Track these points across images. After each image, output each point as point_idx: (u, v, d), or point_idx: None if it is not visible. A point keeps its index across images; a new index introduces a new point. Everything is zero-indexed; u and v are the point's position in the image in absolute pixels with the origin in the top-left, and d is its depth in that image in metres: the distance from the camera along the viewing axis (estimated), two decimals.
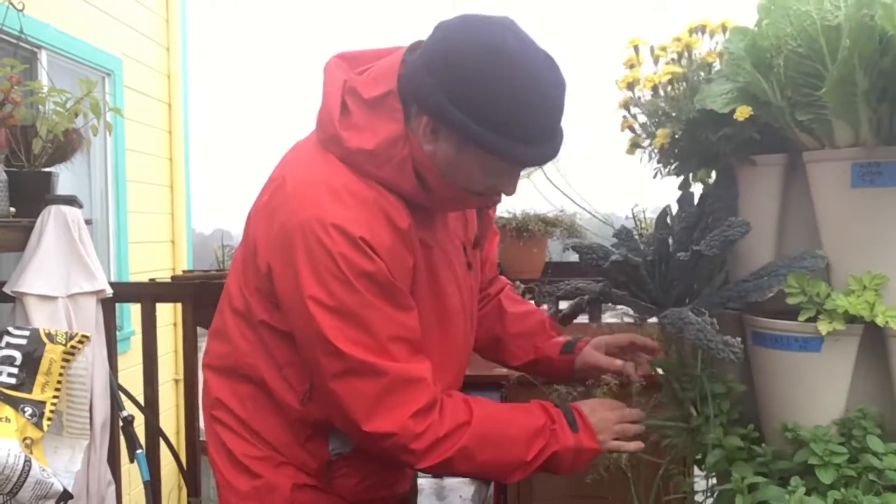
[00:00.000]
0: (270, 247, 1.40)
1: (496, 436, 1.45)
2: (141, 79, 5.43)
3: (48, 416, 1.96)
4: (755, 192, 1.40)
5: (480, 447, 1.43)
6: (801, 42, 1.22)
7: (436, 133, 1.35)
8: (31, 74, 3.82)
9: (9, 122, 2.23)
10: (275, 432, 1.50)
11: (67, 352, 2.04)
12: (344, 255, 1.31)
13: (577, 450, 1.48)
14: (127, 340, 4.44)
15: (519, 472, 1.48)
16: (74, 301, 2.30)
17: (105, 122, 2.55)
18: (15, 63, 2.32)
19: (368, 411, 1.36)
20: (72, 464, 2.04)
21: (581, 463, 1.50)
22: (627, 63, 1.53)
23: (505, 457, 1.46)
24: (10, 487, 1.77)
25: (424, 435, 1.38)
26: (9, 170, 2.30)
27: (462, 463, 1.44)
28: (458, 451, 1.42)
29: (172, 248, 5.88)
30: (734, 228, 1.36)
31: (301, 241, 1.33)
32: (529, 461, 1.45)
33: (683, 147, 1.45)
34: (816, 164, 1.31)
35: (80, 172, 4.52)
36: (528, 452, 1.45)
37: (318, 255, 1.32)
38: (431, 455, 1.40)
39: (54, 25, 4.22)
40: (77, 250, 2.31)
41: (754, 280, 1.37)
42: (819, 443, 1.24)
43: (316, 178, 1.39)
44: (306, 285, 1.33)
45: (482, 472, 1.53)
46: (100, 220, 4.94)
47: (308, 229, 1.33)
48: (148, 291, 2.76)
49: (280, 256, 1.38)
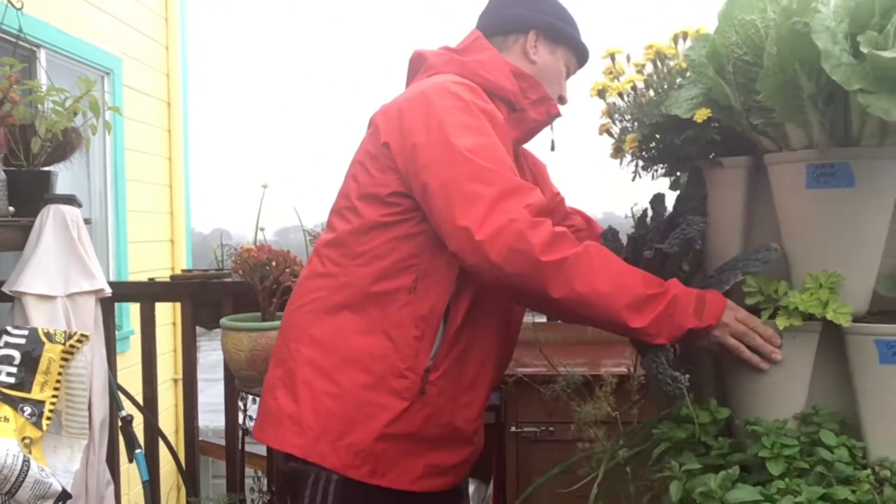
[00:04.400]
0: (398, 124, 1.58)
1: (612, 260, 1.44)
2: (140, 78, 5.43)
3: (47, 416, 1.96)
4: (723, 193, 1.44)
5: (598, 262, 1.41)
6: (746, 50, 1.28)
7: (536, 45, 1.78)
8: (30, 73, 3.82)
9: (8, 121, 2.23)
10: (366, 348, 1.57)
11: (66, 351, 2.04)
12: (473, 101, 1.57)
13: (700, 297, 1.41)
14: (126, 340, 4.44)
15: (640, 309, 1.39)
16: (73, 300, 2.29)
17: (104, 121, 2.54)
18: (14, 62, 2.32)
19: (487, 211, 1.43)
20: (71, 463, 2.04)
21: (708, 313, 1.39)
22: (605, 71, 1.62)
23: (623, 280, 1.41)
24: (8, 487, 1.76)
25: (541, 227, 1.42)
26: (7, 169, 2.29)
27: (580, 272, 1.40)
28: (575, 257, 1.41)
29: (171, 248, 5.88)
30: (692, 227, 1.41)
31: (431, 94, 1.58)
32: (649, 295, 1.39)
33: (654, 150, 1.51)
34: (775, 165, 1.35)
35: (79, 171, 4.52)
36: (647, 287, 1.41)
37: (447, 96, 1.57)
38: (550, 249, 1.40)
39: (53, 24, 4.22)
40: (76, 250, 2.31)
41: (717, 275, 1.42)
42: (770, 436, 1.27)
43: (434, 80, 1.65)
44: (436, 114, 1.54)
45: (601, 294, 1.40)
46: (99, 220, 4.94)
47: (435, 87, 1.59)
48: (147, 291, 2.75)
49: (409, 115, 1.57)
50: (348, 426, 1.55)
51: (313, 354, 1.60)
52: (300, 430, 1.57)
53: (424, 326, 1.57)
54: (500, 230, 1.41)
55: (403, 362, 1.56)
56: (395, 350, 1.56)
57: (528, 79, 1.75)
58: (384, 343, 1.57)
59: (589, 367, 2.09)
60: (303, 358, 1.61)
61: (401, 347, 1.56)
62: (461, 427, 1.64)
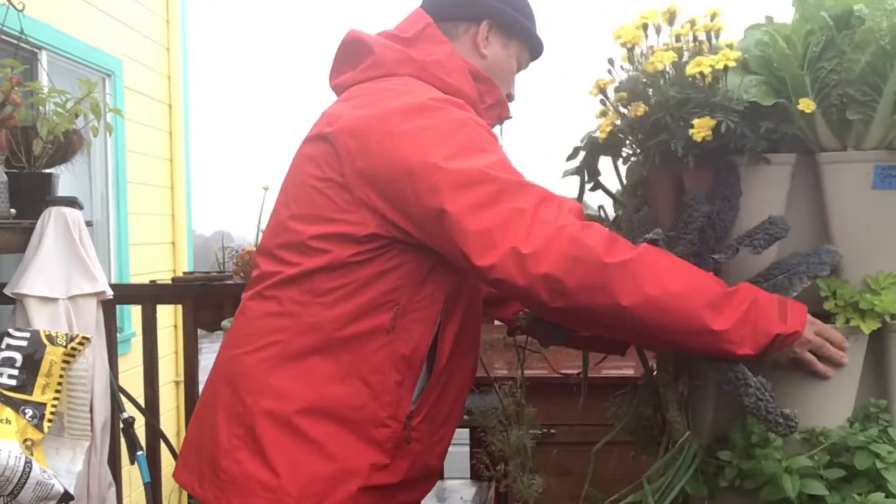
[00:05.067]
0: (365, 143, 1.37)
1: (677, 261, 1.28)
2: (141, 80, 5.43)
3: (49, 418, 1.96)
4: (765, 192, 1.36)
5: (663, 263, 1.25)
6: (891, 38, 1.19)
7: (487, 37, 1.59)
8: (32, 75, 3.81)
9: (9, 123, 2.23)
10: (344, 397, 1.39)
11: (68, 353, 2.04)
12: (462, 116, 1.39)
13: (782, 301, 1.26)
14: (127, 342, 4.44)
15: (719, 309, 1.22)
16: (75, 303, 2.29)
17: (105, 123, 2.54)
18: (15, 64, 2.32)
19: (530, 222, 1.27)
20: (73, 465, 2.04)
21: (793, 319, 1.25)
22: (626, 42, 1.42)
23: (696, 281, 1.25)
24: (10, 489, 1.76)
25: (593, 228, 1.26)
26: (9, 171, 2.29)
27: (647, 273, 1.23)
28: (639, 256, 1.24)
29: (173, 250, 5.88)
30: (777, 226, 1.31)
31: (418, 108, 1.38)
32: (725, 294, 1.24)
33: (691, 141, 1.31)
34: (834, 165, 1.31)
35: (80, 174, 4.52)
36: (722, 286, 1.26)
37: (436, 112, 1.38)
38: (611, 250, 1.23)
39: (55, 26, 4.22)
40: (77, 252, 2.31)
41: (768, 281, 1.32)
42: (879, 444, 1.23)
43: (402, 82, 1.47)
44: (429, 135, 1.35)
45: (674, 295, 1.23)
46: (100, 222, 4.94)
47: (416, 107, 1.39)
48: (148, 293, 2.75)
49: (396, 138, 1.35)
50: (330, 486, 1.38)
51: (278, 408, 1.39)
52: (277, 498, 1.37)
53: (406, 369, 1.41)
54: (552, 239, 1.24)
55: (384, 410, 1.40)
56: (375, 397, 1.40)
57: (486, 82, 1.57)
58: (361, 390, 1.39)
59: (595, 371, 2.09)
60: (265, 413, 1.39)
61: (380, 394, 1.40)
62: (434, 464, 1.55)
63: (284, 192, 1.52)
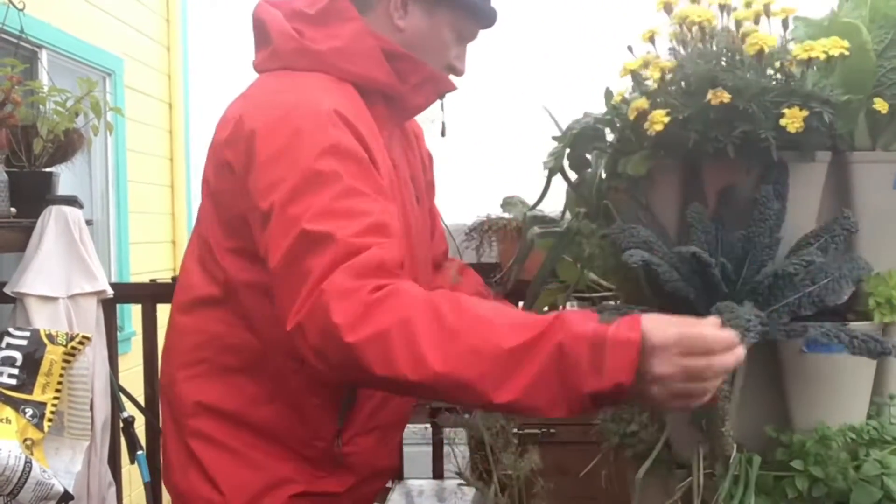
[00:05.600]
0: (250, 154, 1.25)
1: (448, 325, 1.04)
2: (142, 79, 5.42)
3: (49, 417, 1.96)
4: (805, 191, 1.31)
5: (427, 331, 1.04)
6: None
7: (405, 6, 1.39)
8: (32, 74, 3.81)
9: (9, 122, 2.23)
10: (270, 418, 1.37)
11: (68, 353, 2.04)
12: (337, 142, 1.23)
13: (599, 341, 0.98)
14: (128, 341, 4.43)
15: (497, 382, 0.99)
16: (75, 302, 2.29)
17: (106, 122, 2.54)
18: (15, 63, 2.32)
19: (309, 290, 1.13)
20: (72, 465, 2.04)
21: (609, 367, 0.96)
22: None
23: (467, 348, 1.02)
24: (10, 489, 1.76)
25: (350, 297, 1.08)
26: (9, 170, 2.29)
27: (404, 351, 1.04)
28: (396, 328, 1.05)
29: (173, 249, 5.87)
30: (851, 222, 1.25)
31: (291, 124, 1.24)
32: (510, 355, 0.99)
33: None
34: (863, 164, 1.31)
35: (80, 173, 4.52)
36: (511, 338, 1.00)
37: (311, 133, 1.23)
38: (360, 323, 1.06)
39: (55, 25, 4.22)
40: (78, 251, 2.31)
41: (815, 284, 1.23)
42: None
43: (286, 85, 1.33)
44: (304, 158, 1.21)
45: (436, 377, 1.03)
46: (100, 221, 4.94)
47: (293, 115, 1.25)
48: (149, 292, 2.75)
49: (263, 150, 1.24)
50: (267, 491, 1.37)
51: (212, 429, 1.38)
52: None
53: (325, 392, 1.35)
54: (312, 310, 1.11)
55: (308, 432, 1.37)
56: (299, 419, 1.37)
57: (406, 59, 1.39)
58: (284, 412, 1.37)
59: None
60: (199, 433, 1.38)
61: (303, 416, 1.37)
62: (384, 465, 1.52)
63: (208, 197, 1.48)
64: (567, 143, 1.49)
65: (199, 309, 1.41)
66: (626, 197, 1.42)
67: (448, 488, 2.20)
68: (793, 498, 1.18)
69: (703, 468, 1.21)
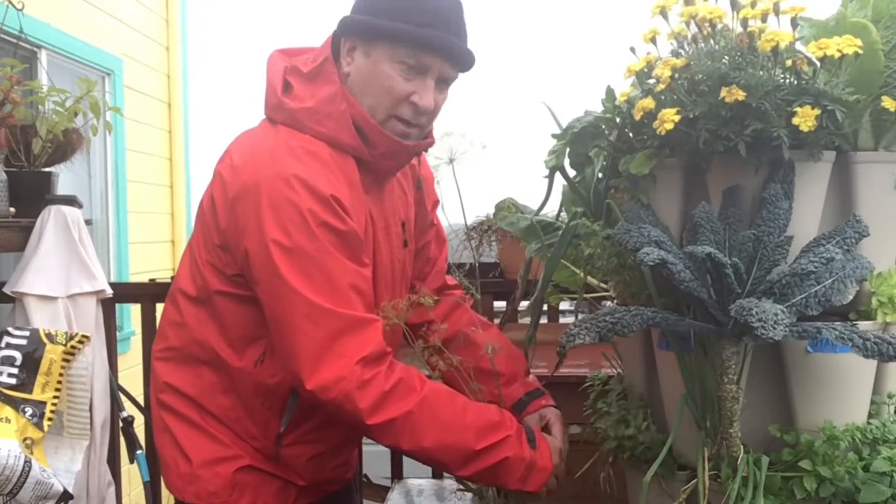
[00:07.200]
0: (229, 208, 1.43)
1: (446, 413, 1.42)
2: (141, 78, 5.43)
3: (48, 417, 1.96)
4: (810, 191, 1.31)
5: (427, 418, 1.40)
6: None
7: (352, 52, 1.47)
8: (31, 74, 3.81)
9: (8, 122, 2.23)
10: (223, 407, 1.54)
11: (67, 352, 2.04)
12: (312, 210, 1.37)
13: (531, 465, 1.46)
14: (127, 341, 4.43)
15: (464, 464, 1.43)
16: (74, 301, 2.29)
17: (105, 122, 2.54)
18: (15, 63, 2.32)
19: (316, 358, 1.36)
20: (72, 464, 2.04)
21: (532, 482, 1.47)
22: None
23: (451, 438, 1.41)
24: (10, 488, 1.76)
25: (371, 384, 1.36)
26: (8, 170, 2.29)
27: (406, 431, 1.40)
28: (404, 416, 1.38)
29: (172, 249, 5.87)
30: (862, 224, 1.26)
31: (265, 195, 1.37)
32: (477, 451, 1.41)
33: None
34: (866, 164, 1.30)
35: (79, 172, 4.52)
36: (479, 442, 1.42)
37: (283, 207, 1.36)
38: (376, 412, 1.37)
39: (54, 25, 4.22)
40: (77, 250, 2.31)
41: (820, 284, 1.23)
42: None
43: (268, 143, 1.45)
44: (268, 231, 1.37)
45: (425, 451, 1.43)
46: (100, 221, 4.94)
47: (271, 185, 1.37)
48: (148, 292, 2.75)
49: (242, 211, 1.40)
50: (228, 459, 1.54)
51: (179, 405, 1.57)
52: (184, 475, 1.55)
53: (272, 397, 1.52)
54: (332, 383, 1.36)
55: (255, 427, 1.54)
56: (247, 413, 1.54)
57: (371, 129, 1.45)
58: (237, 405, 1.54)
59: (591, 369, 2.09)
60: (168, 407, 1.58)
61: (251, 412, 1.54)
62: (328, 477, 1.64)
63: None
64: (568, 141, 1.49)
65: (180, 298, 1.58)
66: (626, 197, 1.42)
67: (447, 488, 2.20)
68: (801, 498, 1.18)
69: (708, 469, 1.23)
